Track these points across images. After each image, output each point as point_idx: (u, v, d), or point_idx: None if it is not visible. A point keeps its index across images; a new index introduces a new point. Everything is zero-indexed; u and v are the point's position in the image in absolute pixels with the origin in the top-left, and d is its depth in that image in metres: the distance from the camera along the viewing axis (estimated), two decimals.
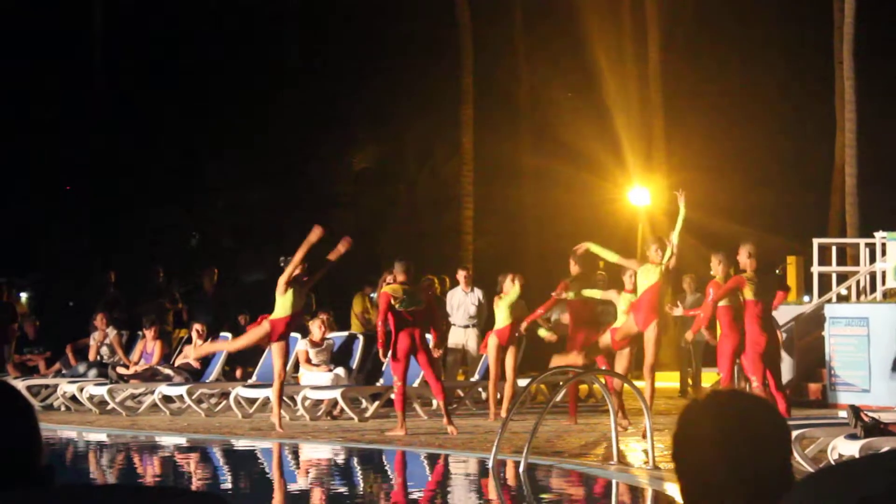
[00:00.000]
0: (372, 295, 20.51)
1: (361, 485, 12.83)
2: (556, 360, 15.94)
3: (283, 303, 15.81)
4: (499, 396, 19.03)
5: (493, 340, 17.28)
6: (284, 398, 17.84)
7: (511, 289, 17.22)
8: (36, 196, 31.15)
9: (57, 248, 31.31)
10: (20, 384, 19.24)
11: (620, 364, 15.27)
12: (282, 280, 15.78)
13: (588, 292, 15.93)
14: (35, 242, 31.19)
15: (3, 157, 30.60)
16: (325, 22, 33.29)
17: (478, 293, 19.94)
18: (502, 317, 17.20)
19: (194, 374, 19.58)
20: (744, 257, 14.28)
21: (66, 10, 31.82)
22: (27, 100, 31.20)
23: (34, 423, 2.54)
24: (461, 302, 19.68)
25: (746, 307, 14.15)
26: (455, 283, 20.05)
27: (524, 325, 16.96)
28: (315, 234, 15.60)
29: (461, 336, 19.64)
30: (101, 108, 31.85)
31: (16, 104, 30.83)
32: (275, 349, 15.96)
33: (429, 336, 16.08)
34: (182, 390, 18.68)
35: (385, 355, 15.54)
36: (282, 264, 16.30)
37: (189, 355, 19.52)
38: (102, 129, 31.47)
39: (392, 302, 15.24)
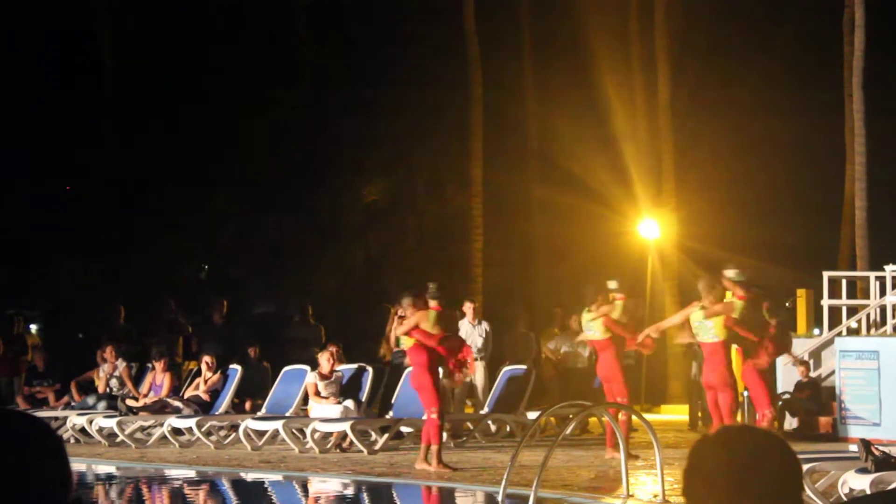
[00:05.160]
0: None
1: None
2: None
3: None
4: (508, 429, 19.01)
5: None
6: (293, 430, 17.81)
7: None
8: (43, 227, 31.16)
9: (66, 280, 31.31)
10: None
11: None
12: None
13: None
14: (41, 274, 31.17)
15: (9, 193, 30.66)
16: (335, 53, 33.37)
17: (484, 325, 19.88)
18: None
19: (204, 407, 19.58)
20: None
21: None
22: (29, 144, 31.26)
23: (65, 457, 2.54)
24: (468, 334, 19.59)
25: None
26: (461, 315, 19.96)
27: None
28: None
29: None
30: (108, 138, 31.91)
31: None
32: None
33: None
34: (191, 422, 18.67)
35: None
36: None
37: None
38: (109, 158, 31.52)
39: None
